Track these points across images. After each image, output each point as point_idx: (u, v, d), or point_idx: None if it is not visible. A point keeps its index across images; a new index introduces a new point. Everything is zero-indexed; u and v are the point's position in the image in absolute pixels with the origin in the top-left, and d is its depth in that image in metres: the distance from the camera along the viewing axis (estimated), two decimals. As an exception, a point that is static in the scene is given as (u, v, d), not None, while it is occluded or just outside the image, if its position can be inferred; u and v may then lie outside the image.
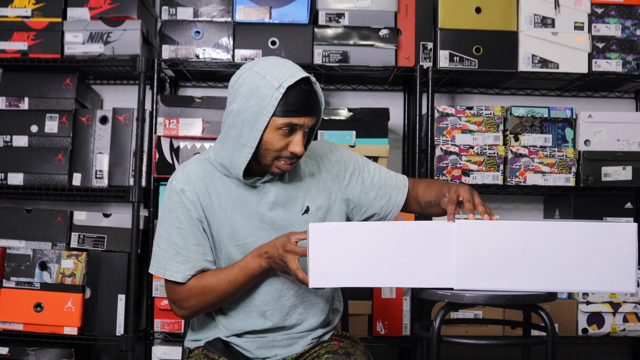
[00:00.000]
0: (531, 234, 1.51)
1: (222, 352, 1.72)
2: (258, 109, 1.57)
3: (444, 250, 1.51)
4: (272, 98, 1.56)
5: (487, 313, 2.81)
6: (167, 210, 1.70)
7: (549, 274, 1.51)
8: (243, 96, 1.60)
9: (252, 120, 1.58)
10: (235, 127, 1.61)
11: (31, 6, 2.89)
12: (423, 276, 1.52)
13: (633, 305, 2.84)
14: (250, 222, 1.69)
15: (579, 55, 2.92)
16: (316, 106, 1.64)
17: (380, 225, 1.52)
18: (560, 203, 3.01)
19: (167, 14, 2.91)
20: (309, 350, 1.78)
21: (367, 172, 1.84)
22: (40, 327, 2.72)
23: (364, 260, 1.50)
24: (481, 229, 1.52)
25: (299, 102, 1.58)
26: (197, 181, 1.69)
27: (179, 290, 1.69)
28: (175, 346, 2.73)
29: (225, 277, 1.65)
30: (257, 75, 1.59)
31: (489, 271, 1.51)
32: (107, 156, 2.86)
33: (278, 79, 1.57)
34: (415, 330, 1.70)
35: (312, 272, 1.49)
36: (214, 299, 1.68)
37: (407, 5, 2.95)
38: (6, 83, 2.89)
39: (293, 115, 1.58)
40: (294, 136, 1.61)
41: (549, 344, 1.55)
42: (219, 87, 3.26)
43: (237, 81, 1.63)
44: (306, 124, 1.61)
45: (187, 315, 1.72)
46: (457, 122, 2.88)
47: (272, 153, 1.62)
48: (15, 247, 2.78)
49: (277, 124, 1.59)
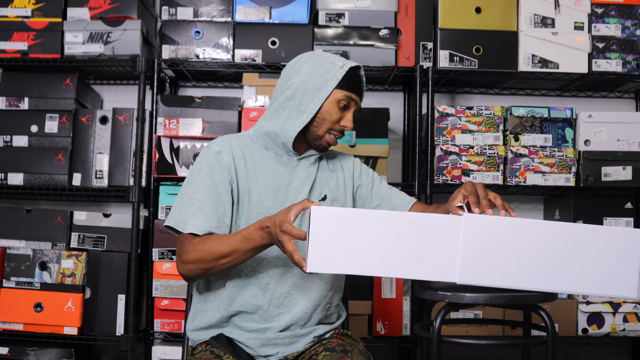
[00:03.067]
0: (540, 232, 1.51)
1: (226, 349, 1.72)
2: (322, 80, 1.76)
3: (450, 243, 1.49)
4: (337, 73, 1.77)
5: (487, 313, 2.81)
6: (197, 170, 1.76)
7: (552, 275, 1.51)
8: (307, 70, 1.78)
9: (315, 90, 1.76)
10: (295, 97, 1.77)
11: (31, 6, 2.89)
12: (425, 268, 1.48)
13: (633, 305, 2.84)
14: (276, 195, 1.78)
15: (579, 55, 2.92)
16: (363, 92, 1.85)
17: (386, 214, 1.48)
18: (560, 203, 3.01)
19: (167, 14, 2.91)
20: (309, 348, 1.79)
21: (378, 184, 1.98)
22: (40, 327, 2.72)
23: (366, 247, 1.46)
24: (489, 225, 1.50)
25: (357, 82, 1.80)
26: (235, 146, 1.79)
27: (187, 243, 1.69)
28: (175, 346, 2.73)
29: (227, 241, 1.65)
30: (321, 56, 1.80)
31: (493, 267, 1.50)
32: (107, 156, 2.86)
33: (341, 61, 1.79)
34: (416, 330, 1.70)
35: (311, 255, 1.44)
36: (212, 261, 1.65)
37: (407, 5, 2.95)
38: (6, 83, 2.89)
39: (353, 90, 1.78)
40: (347, 113, 1.80)
41: (549, 344, 1.55)
42: (219, 87, 3.26)
43: (298, 61, 1.81)
44: (358, 103, 1.82)
45: (185, 273, 1.70)
46: (457, 122, 2.88)
47: (328, 124, 1.79)
48: (15, 247, 2.78)
49: (338, 96, 1.77)
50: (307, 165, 1.84)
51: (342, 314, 1.91)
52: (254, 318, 1.75)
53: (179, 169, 2.76)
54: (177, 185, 2.80)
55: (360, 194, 1.94)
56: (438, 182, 2.86)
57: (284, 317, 1.76)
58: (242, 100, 2.82)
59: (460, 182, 2.86)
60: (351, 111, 1.81)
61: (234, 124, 2.79)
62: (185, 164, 2.76)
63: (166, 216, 2.77)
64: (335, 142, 1.82)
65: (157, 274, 2.74)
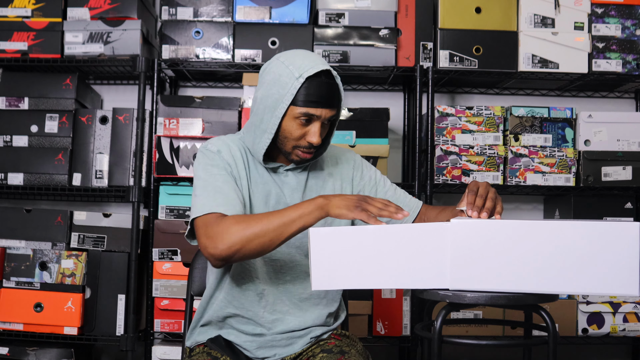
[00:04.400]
0: (528, 233, 1.48)
1: (223, 350, 1.72)
2: (278, 96, 1.64)
3: (439, 251, 1.49)
4: (291, 87, 1.62)
5: (487, 313, 2.81)
6: (202, 166, 1.70)
7: (547, 276, 1.47)
8: (267, 84, 1.67)
9: (272, 108, 1.65)
10: (258, 114, 1.69)
11: (31, 6, 2.89)
12: (420, 277, 1.50)
13: (633, 305, 2.84)
14: (267, 200, 1.74)
15: (579, 55, 2.92)
16: (336, 99, 1.68)
17: (377, 228, 1.51)
18: (560, 203, 3.02)
19: (167, 14, 2.91)
20: (307, 349, 1.78)
21: (382, 186, 1.88)
22: (40, 327, 2.72)
23: (363, 262, 1.50)
24: (476, 229, 1.49)
25: (317, 94, 1.63)
26: (232, 147, 1.74)
27: (219, 221, 1.57)
28: (175, 346, 2.73)
29: (272, 212, 1.58)
30: (282, 65, 1.66)
31: (485, 272, 1.49)
32: (107, 156, 2.86)
33: (299, 70, 1.63)
34: (417, 330, 1.70)
35: (314, 275, 1.50)
36: (256, 229, 1.54)
37: (407, 5, 2.95)
38: (6, 83, 2.89)
39: (311, 105, 1.63)
40: (311, 127, 1.66)
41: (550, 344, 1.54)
42: (219, 87, 3.26)
43: (265, 70, 1.71)
44: (324, 115, 1.65)
45: (223, 250, 1.55)
46: (457, 122, 2.88)
47: (291, 141, 1.67)
48: (15, 247, 2.78)
49: (295, 113, 1.64)
50: (296, 172, 1.77)
51: (341, 315, 1.89)
52: (249, 322, 1.75)
53: (179, 169, 2.76)
54: (177, 185, 2.80)
55: None
56: (438, 182, 2.86)
57: (279, 325, 1.75)
58: (242, 100, 2.82)
59: (460, 182, 2.86)
60: (316, 124, 1.65)
61: (234, 124, 2.79)
62: (185, 164, 2.76)
63: (166, 216, 2.77)
64: (308, 156, 1.69)
65: (157, 274, 2.74)
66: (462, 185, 2.86)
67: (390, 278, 1.51)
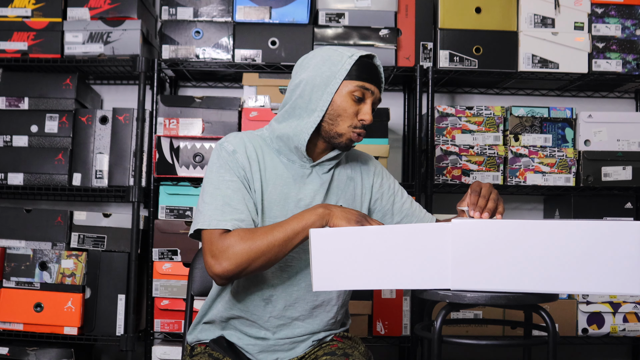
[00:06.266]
0: (529, 233, 1.48)
1: (225, 351, 1.71)
2: (330, 73, 1.64)
3: (440, 251, 1.49)
4: (345, 63, 1.64)
5: (487, 313, 2.81)
6: (215, 167, 1.66)
7: (550, 275, 1.48)
8: (314, 65, 1.66)
9: (324, 85, 1.64)
10: (304, 95, 1.66)
11: (31, 6, 2.89)
12: (421, 278, 1.50)
13: (633, 305, 2.84)
14: (285, 202, 1.70)
15: (579, 55, 2.92)
16: (382, 82, 1.70)
17: (378, 229, 1.51)
18: (560, 203, 3.02)
19: (167, 14, 2.91)
20: (309, 352, 1.77)
21: (399, 197, 1.88)
22: (40, 327, 2.72)
23: (364, 263, 1.50)
24: (477, 229, 1.49)
25: (369, 71, 1.66)
26: (249, 146, 1.69)
27: (223, 238, 1.56)
28: (175, 346, 2.73)
29: (275, 225, 1.57)
30: (329, 49, 1.68)
31: (486, 272, 1.49)
32: (107, 156, 2.86)
33: (350, 51, 1.67)
34: (417, 330, 1.70)
35: (315, 275, 1.49)
36: (262, 245, 1.55)
37: (407, 5, 2.95)
38: (6, 83, 2.89)
39: (366, 80, 1.65)
40: (364, 105, 1.67)
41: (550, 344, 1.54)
42: (219, 87, 3.26)
43: (306, 58, 1.70)
44: (375, 93, 1.67)
45: (229, 269, 1.55)
46: (457, 122, 2.88)
47: (346, 120, 1.66)
48: (15, 247, 2.78)
49: (350, 88, 1.64)
50: (320, 172, 1.74)
51: (347, 322, 1.88)
52: (253, 325, 1.73)
53: (179, 169, 2.76)
54: (177, 185, 2.79)
55: (378, 205, 1.85)
56: (438, 182, 2.86)
57: (285, 330, 1.74)
58: (242, 100, 2.82)
59: (460, 182, 2.86)
60: (368, 103, 1.66)
61: (234, 124, 2.79)
62: (185, 164, 2.76)
63: (166, 216, 2.77)
64: (358, 138, 1.69)
65: (157, 274, 2.74)
66: (462, 185, 2.86)
67: (391, 278, 1.51)
